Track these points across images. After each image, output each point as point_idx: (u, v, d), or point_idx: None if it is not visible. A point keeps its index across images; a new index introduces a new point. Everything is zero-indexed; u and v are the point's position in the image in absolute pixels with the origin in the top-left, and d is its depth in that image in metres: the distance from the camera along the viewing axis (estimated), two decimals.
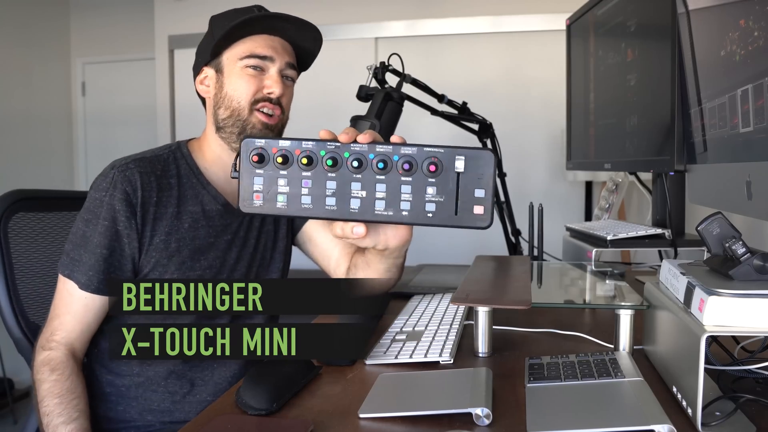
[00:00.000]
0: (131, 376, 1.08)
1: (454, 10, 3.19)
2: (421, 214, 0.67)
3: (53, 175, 3.74)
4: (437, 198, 0.67)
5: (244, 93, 1.09)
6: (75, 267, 1.03)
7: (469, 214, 0.67)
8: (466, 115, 1.60)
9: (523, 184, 2.96)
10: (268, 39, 1.11)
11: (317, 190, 0.68)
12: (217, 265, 1.11)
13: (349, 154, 0.68)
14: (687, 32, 1.04)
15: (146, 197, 1.05)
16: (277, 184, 0.69)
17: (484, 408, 0.67)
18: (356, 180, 0.68)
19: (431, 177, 0.67)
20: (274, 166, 0.68)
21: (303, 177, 0.68)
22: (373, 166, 0.68)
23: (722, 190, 0.93)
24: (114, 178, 1.04)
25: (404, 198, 0.67)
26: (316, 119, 3.13)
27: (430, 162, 0.67)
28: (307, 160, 0.68)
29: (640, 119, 1.40)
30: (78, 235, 1.05)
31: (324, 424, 0.69)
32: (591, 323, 1.10)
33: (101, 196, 1.04)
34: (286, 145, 0.68)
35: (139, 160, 1.08)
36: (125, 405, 1.08)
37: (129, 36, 3.86)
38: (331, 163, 0.68)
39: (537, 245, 1.54)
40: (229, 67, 1.11)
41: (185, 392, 1.09)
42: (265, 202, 0.69)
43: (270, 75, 1.11)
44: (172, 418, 1.08)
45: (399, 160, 0.67)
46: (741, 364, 0.73)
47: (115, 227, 1.03)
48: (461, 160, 0.66)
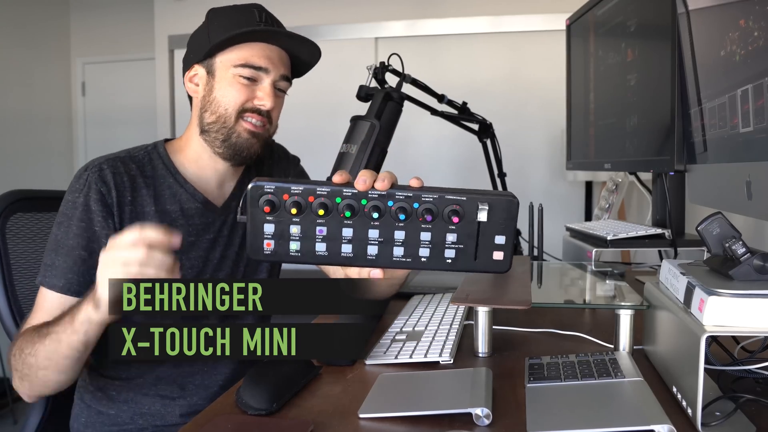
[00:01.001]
0: (121, 380, 1.07)
1: (454, 10, 3.19)
2: (440, 260, 0.65)
3: (53, 175, 3.74)
4: (457, 246, 0.65)
5: (232, 101, 1.06)
6: (48, 272, 0.99)
7: (489, 260, 0.65)
8: (466, 115, 1.59)
9: (523, 184, 2.96)
10: (265, 48, 1.07)
11: (333, 238, 0.65)
12: (199, 265, 1.10)
13: (367, 202, 0.64)
14: (687, 32, 1.04)
15: (121, 197, 1.03)
16: (290, 232, 0.65)
17: (484, 408, 0.67)
18: (374, 227, 0.65)
19: (452, 225, 0.65)
20: (286, 214, 0.64)
21: (318, 224, 0.65)
22: (392, 214, 0.65)
23: (722, 190, 0.93)
24: (88, 179, 1.02)
25: (423, 245, 0.65)
26: (316, 119, 3.14)
27: (452, 210, 0.64)
28: (322, 210, 0.64)
29: (640, 119, 1.40)
30: (52, 241, 1.02)
31: (324, 424, 0.69)
32: (591, 323, 1.10)
33: (75, 198, 1.02)
34: (298, 191, 0.64)
35: (113, 160, 1.05)
36: (116, 409, 1.07)
37: (129, 36, 3.86)
38: (350, 213, 0.64)
39: (537, 245, 1.54)
40: (222, 72, 1.07)
41: (176, 396, 1.08)
42: (277, 249, 0.65)
43: (263, 87, 1.07)
44: (163, 422, 1.07)
45: (419, 207, 0.64)
46: (741, 364, 0.73)
47: (92, 228, 1.01)
48: (484, 212, 0.64)
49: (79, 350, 0.88)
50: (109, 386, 1.08)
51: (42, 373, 0.92)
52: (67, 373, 0.92)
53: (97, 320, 0.84)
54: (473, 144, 1.72)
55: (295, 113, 1.18)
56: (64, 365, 0.91)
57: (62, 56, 3.96)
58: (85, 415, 1.09)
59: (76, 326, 0.86)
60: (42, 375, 0.92)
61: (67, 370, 0.92)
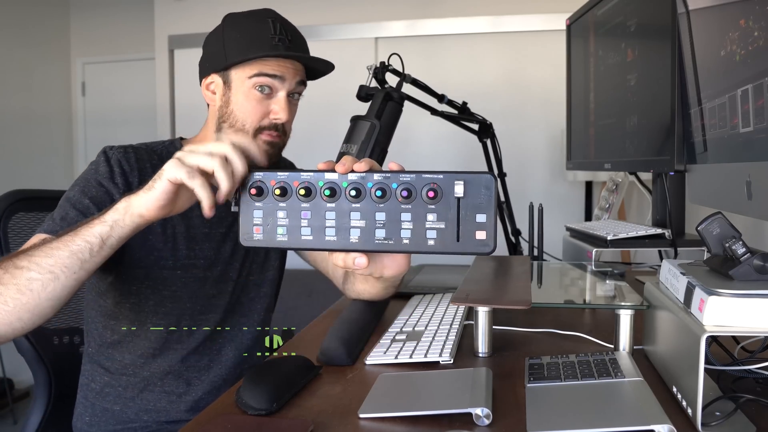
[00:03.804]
0: (128, 376, 1.08)
1: (454, 10, 3.19)
2: (422, 242, 0.67)
3: (53, 175, 3.74)
4: (438, 225, 0.66)
5: (250, 117, 1.07)
6: (54, 223, 0.95)
7: (472, 240, 0.66)
8: (466, 115, 1.59)
9: (523, 184, 2.96)
10: (280, 60, 1.08)
11: (317, 222, 0.68)
12: (212, 257, 1.11)
13: (347, 184, 0.68)
14: (687, 32, 1.04)
15: (143, 180, 1.01)
16: (277, 217, 0.69)
17: (484, 408, 0.67)
18: (355, 210, 0.68)
19: (431, 203, 0.66)
20: (272, 198, 0.68)
21: (302, 208, 0.68)
22: (371, 194, 0.67)
23: (722, 190, 0.93)
24: (111, 157, 1.03)
25: (404, 226, 0.67)
26: (316, 119, 3.14)
27: (429, 188, 0.66)
28: (305, 192, 0.68)
29: (640, 119, 1.40)
30: (63, 200, 0.99)
31: (324, 424, 0.69)
32: (591, 323, 1.10)
33: (98, 167, 1.02)
34: (284, 177, 0.68)
35: (135, 148, 1.08)
36: (122, 405, 1.08)
37: (129, 36, 3.86)
38: (329, 193, 0.67)
39: (537, 245, 1.54)
40: (238, 83, 1.08)
41: (181, 392, 1.09)
42: (265, 235, 0.69)
43: (278, 99, 1.08)
44: (168, 418, 1.08)
45: (397, 187, 0.67)
46: (741, 364, 0.73)
47: (111, 196, 1.00)
48: (460, 185, 0.66)
49: (93, 249, 0.80)
50: (114, 383, 1.08)
51: (28, 277, 0.80)
52: (59, 281, 0.80)
53: (137, 208, 0.78)
54: (473, 144, 1.72)
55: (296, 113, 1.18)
56: (64, 265, 0.80)
57: (62, 56, 3.96)
58: (89, 414, 1.09)
59: (106, 217, 0.80)
60: (26, 280, 0.80)
61: (62, 275, 0.80)
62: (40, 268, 0.80)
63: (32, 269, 0.80)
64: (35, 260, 0.81)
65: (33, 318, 0.82)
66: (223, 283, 1.13)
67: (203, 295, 1.11)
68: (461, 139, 1.88)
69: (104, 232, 0.80)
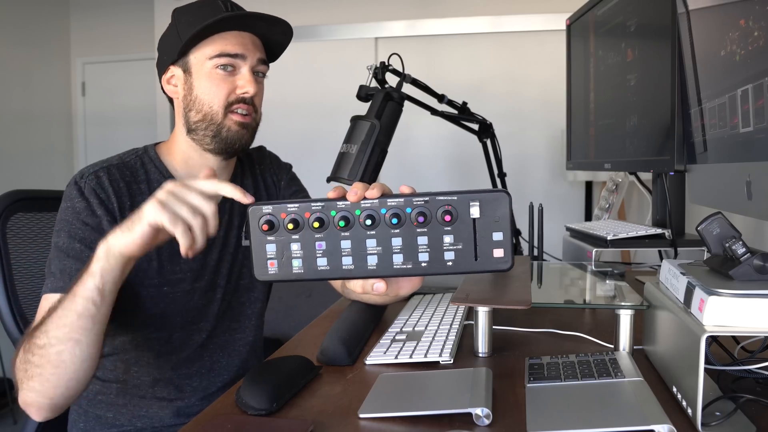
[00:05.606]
0: (119, 383, 1.07)
1: (454, 10, 3.19)
2: (440, 263, 0.66)
3: (53, 175, 3.74)
4: (456, 246, 0.65)
5: (216, 97, 1.04)
6: (50, 279, 0.94)
7: (490, 258, 0.65)
8: (466, 115, 1.60)
9: (523, 184, 2.96)
10: (238, 36, 1.05)
11: (333, 252, 0.67)
12: (198, 268, 1.09)
13: (361, 212, 0.66)
14: (687, 32, 1.04)
15: (121, 203, 1.01)
16: (291, 250, 0.67)
17: (484, 408, 0.67)
18: (371, 237, 0.66)
19: (447, 226, 0.65)
20: (285, 231, 0.67)
21: (316, 239, 0.67)
22: (386, 221, 0.66)
23: (722, 190, 0.93)
24: (85, 187, 1.00)
25: (422, 250, 0.66)
26: (317, 119, 3.14)
27: (444, 211, 0.65)
28: (318, 223, 0.66)
29: (640, 119, 1.40)
30: (54, 251, 0.97)
31: (324, 424, 0.69)
32: (591, 323, 1.10)
33: (74, 204, 0.99)
34: (294, 209, 0.67)
35: (107, 168, 1.03)
36: (114, 412, 1.07)
37: (129, 36, 3.86)
38: (344, 223, 0.66)
39: (537, 245, 1.54)
40: (198, 67, 1.05)
41: (173, 398, 1.08)
42: (281, 269, 0.67)
43: (242, 74, 1.05)
44: (162, 423, 1.07)
45: (412, 212, 0.66)
46: (741, 364, 0.73)
47: (102, 229, 0.97)
48: (476, 207, 0.65)
49: (95, 302, 0.82)
50: (106, 390, 1.08)
51: (55, 351, 0.83)
52: (82, 343, 0.83)
53: (118, 249, 0.80)
54: (473, 144, 1.72)
55: (296, 113, 1.18)
56: (78, 328, 0.83)
57: (62, 56, 3.96)
58: (83, 420, 1.09)
59: (92, 268, 0.81)
60: (55, 354, 0.83)
61: (82, 337, 0.83)
62: (59, 340, 0.83)
63: (53, 344, 0.83)
64: (52, 335, 0.83)
65: (80, 378, 0.86)
66: (212, 291, 1.11)
67: (192, 307, 1.09)
68: (461, 139, 1.88)
69: (98, 283, 0.82)
